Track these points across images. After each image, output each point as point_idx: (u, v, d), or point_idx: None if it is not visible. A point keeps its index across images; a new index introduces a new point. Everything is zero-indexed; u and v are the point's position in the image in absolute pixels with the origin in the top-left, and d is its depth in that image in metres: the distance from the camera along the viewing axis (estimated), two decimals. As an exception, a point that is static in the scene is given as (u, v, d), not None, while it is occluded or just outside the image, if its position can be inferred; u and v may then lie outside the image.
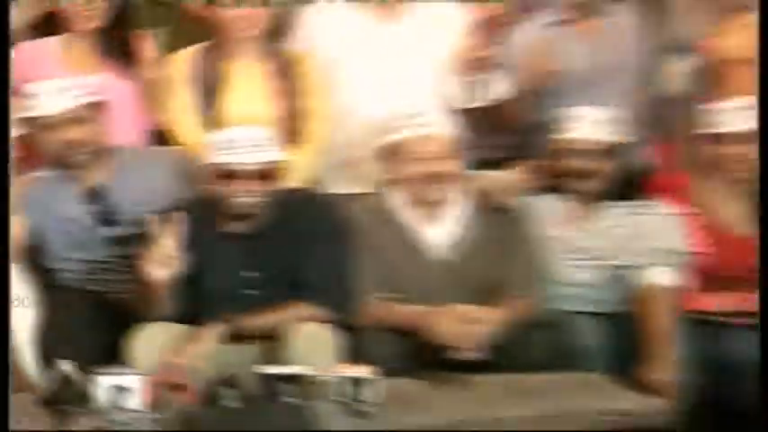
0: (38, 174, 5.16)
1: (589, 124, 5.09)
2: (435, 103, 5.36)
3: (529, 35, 5.71)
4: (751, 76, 5.39)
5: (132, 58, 5.54)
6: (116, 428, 3.98)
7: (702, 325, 4.94)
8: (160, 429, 3.99)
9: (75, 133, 4.93)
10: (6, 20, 4.53)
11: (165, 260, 4.48)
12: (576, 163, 5.06)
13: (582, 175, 5.06)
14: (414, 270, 4.92)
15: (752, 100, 5.05)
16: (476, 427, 4.19)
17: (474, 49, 5.51)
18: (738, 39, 5.64)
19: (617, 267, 5.08)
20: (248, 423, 4.06)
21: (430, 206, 4.95)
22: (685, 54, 5.85)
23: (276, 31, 5.57)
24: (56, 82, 5.01)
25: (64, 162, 5.00)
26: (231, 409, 4.08)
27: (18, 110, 5.10)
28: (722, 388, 4.81)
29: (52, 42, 5.56)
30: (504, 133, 5.74)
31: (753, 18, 5.54)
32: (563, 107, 5.25)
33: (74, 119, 4.93)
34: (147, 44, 5.62)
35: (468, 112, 5.41)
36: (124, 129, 5.32)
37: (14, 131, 5.14)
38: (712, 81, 5.70)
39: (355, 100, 5.47)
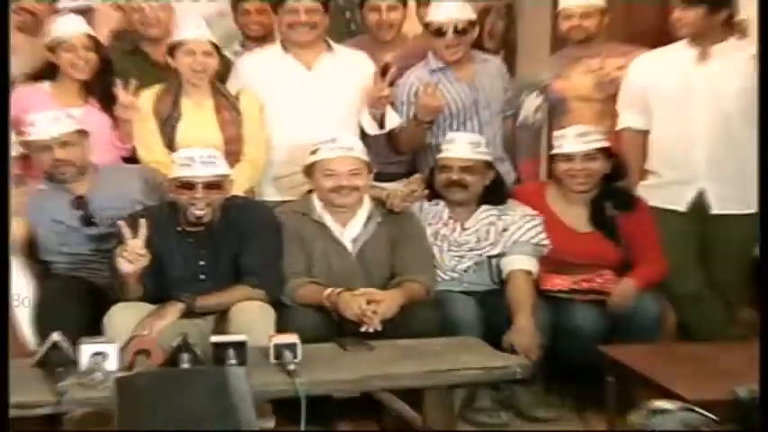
0: (36, 186, 5.23)
1: (463, 146, 5.22)
2: (347, 130, 5.40)
3: (419, 78, 5.74)
4: (588, 109, 5.71)
5: (109, 96, 5.49)
6: (96, 389, 3.89)
7: (552, 300, 5.13)
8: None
9: (63, 154, 5.05)
10: (6, 20, 4.36)
11: (132, 256, 4.56)
12: (454, 176, 5.20)
13: (459, 185, 5.20)
14: (329, 260, 5.04)
15: (586, 128, 5.28)
16: (380, 384, 4.27)
17: (376, 89, 5.55)
18: (577, 81, 5.81)
19: (488, 257, 5.23)
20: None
21: (342, 210, 5.07)
22: (540, 92, 5.93)
23: (221, 73, 5.62)
24: (49, 113, 5.11)
25: (55, 177, 5.11)
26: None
27: (18, 136, 5.21)
28: (563, 346, 4.97)
29: (47, 84, 5.54)
30: (400, 154, 5.81)
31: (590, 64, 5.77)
32: (444, 133, 5.47)
33: (63, 142, 5.04)
34: (121, 86, 5.48)
35: (371, 138, 5.51)
36: (102, 150, 5.40)
37: (15, 152, 5.25)
38: (558, 113, 5.85)
39: (284, 128, 5.58)
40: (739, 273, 5.56)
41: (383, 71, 5.72)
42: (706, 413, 2.49)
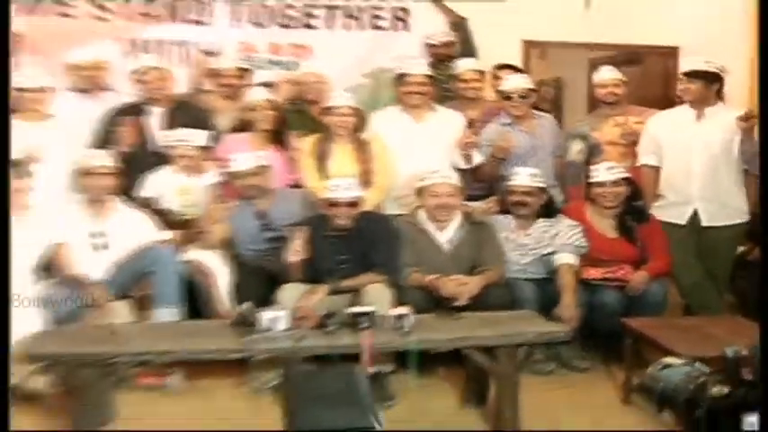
0: (233, 203, 5.32)
1: (525, 177, 5.23)
2: (446, 165, 5.42)
3: (495, 129, 5.74)
4: (615, 151, 5.69)
5: (284, 142, 5.63)
6: (271, 342, 4.01)
7: (588, 285, 5.10)
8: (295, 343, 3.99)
9: (253, 180, 5.18)
10: (6, 20, 3.99)
11: (296, 251, 4.74)
12: (518, 198, 5.23)
13: (522, 204, 5.22)
14: (431, 256, 5.04)
15: (613, 164, 5.30)
16: (467, 343, 4.22)
17: (465, 137, 5.57)
18: (608, 132, 5.79)
19: (543, 255, 5.21)
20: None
21: (441, 221, 5.08)
22: (581, 139, 5.87)
23: (358, 126, 5.58)
24: (245, 154, 5.23)
25: (247, 196, 5.22)
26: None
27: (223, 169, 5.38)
28: (595, 318, 4.99)
29: (243, 135, 5.61)
30: (482, 182, 5.75)
31: (617, 120, 5.77)
32: (512, 168, 5.40)
33: (253, 173, 5.17)
34: (291, 134, 5.67)
35: (463, 171, 5.46)
36: (278, 179, 5.46)
37: (219, 179, 5.46)
38: (594, 154, 5.77)
39: (401, 163, 5.56)
40: (724, 268, 5.58)
41: (470, 124, 5.77)
42: (701, 366, 2.48)
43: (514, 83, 5.79)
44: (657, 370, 2.18)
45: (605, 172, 5.26)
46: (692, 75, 5.37)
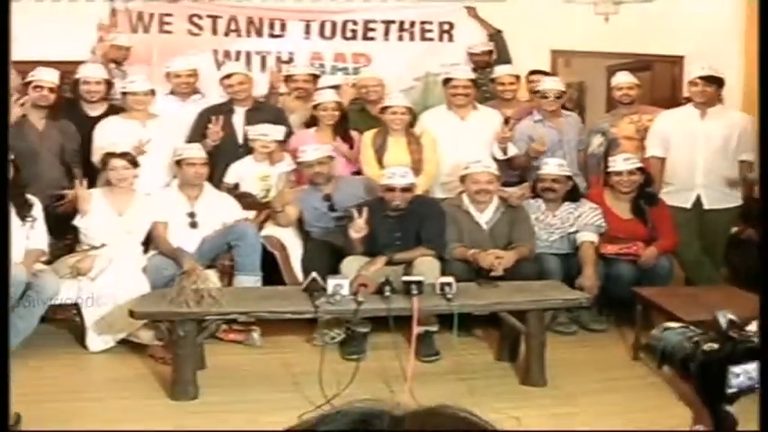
0: (302, 187, 5.33)
1: (553, 167, 5.21)
2: (486, 156, 5.35)
3: (527, 125, 5.70)
4: (630, 144, 5.64)
5: (347, 136, 5.63)
6: (336, 305, 4.07)
7: (606, 259, 5.09)
8: (356, 305, 4.04)
9: (320, 169, 5.15)
10: (7, 20, 3.78)
11: (358, 229, 4.68)
12: (547, 185, 5.21)
13: (550, 190, 5.20)
14: (472, 233, 5.01)
15: (629, 155, 5.28)
16: (501, 307, 4.24)
17: (502, 132, 5.55)
18: (624, 128, 5.76)
19: (568, 233, 5.18)
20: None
21: (481, 204, 5.04)
22: (601, 134, 5.88)
23: (410, 122, 5.57)
24: (313, 146, 5.24)
25: (314, 182, 5.20)
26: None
27: (295, 158, 5.37)
28: (611, 287, 4.99)
29: (312, 130, 5.61)
30: (516, 170, 5.75)
31: (632, 118, 5.74)
32: (542, 159, 5.39)
33: (320, 162, 5.15)
34: (353, 129, 5.69)
35: (499, 161, 5.43)
36: (342, 167, 5.51)
37: (290, 167, 5.48)
38: (612, 147, 5.75)
39: (448, 154, 5.57)
40: (721, 245, 5.54)
41: (506, 121, 5.74)
42: (696, 329, 2.48)
43: (550, 84, 5.75)
44: (659, 332, 2.19)
45: (622, 162, 5.22)
46: (707, 79, 5.32)
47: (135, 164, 4.98)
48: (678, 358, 2.16)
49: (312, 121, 5.72)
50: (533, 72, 6.39)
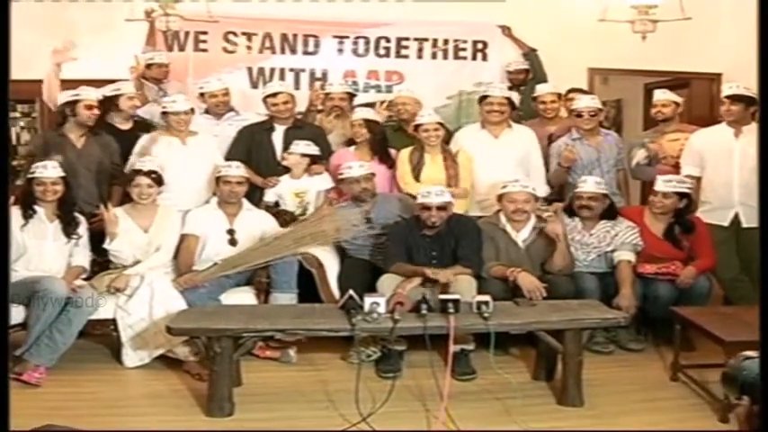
0: (341, 204, 5.33)
1: (590, 184, 5.16)
2: (522, 174, 5.38)
3: (563, 143, 5.71)
4: (671, 163, 5.65)
5: (384, 154, 5.68)
6: (373, 323, 4.04)
7: (643, 279, 5.06)
8: (393, 323, 3.98)
9: (361, 185, 5.22)
10: (7, 20, 3.71)
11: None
12: (584, 202, 5.16)
13: (586, 208, 5.16)
14: (510, 251, 5.01)
15: (671, 177, 5.24)
16: (538, 326, 4.18)
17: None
18: (667, 145, 5.79)
19: (605, 252, 5.15)
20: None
21: (518, 222, 5.03)
22: (644, 148, 5.86)
23: (445, 139, 5.65)
24: (356, 163, 5.29)
25: (358, 198, 5.24)
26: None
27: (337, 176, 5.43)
28: (649, 307, 5.00)
29: (352, 148, 5.68)
30: (551, 187, 5.77)
31: (670, 136, 5.77)
32: (579, 177, 5.41)
33: (363, 178, 5.22)
34: (391, 148, 5.72)
35: None
36: (381, 185, 5.50)
37: (331, 185, 5.54)
38: (653, 163, 5.79)
39: (483, 172, 5.58)
40: (758, 263, 5.44)
41: (549, 139, 5.88)
42: None
43: (585, 102, 5.75)
44: (739, 362, 2.14)
45: (662, 183, 5.19)
46: (734, 98, 5.33)
47: (159, 182, 5.06)
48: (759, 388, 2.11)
49: (350, 139, 5.78)
50: (571, 90, 6.44)
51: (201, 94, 5.98)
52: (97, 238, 4.97)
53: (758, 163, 4.51)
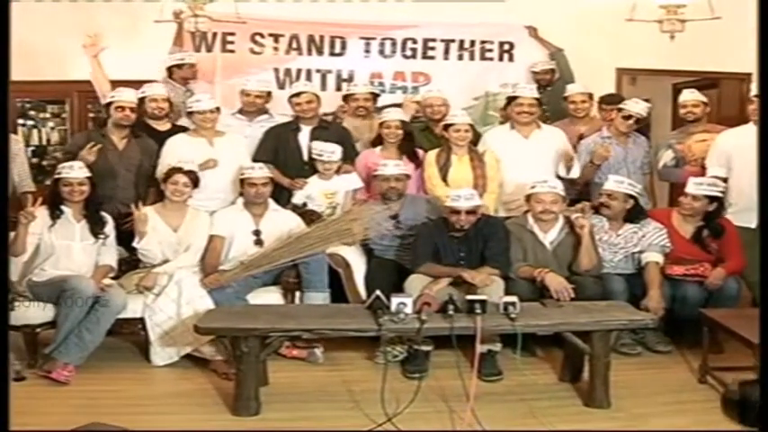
0: (369, 204, 5.32)
1: (617, 184, 5.14)
2: (550, 175, 5.41)
3: (593, 142, 5.74)
4: (699, 169, 5.57)
5: (414, 154, 5.71)
6: (399, 323, 4.01)
7: (671, 280, 5.02)
8: (420, 324, 3.98)
9: (396, 184, 5.25)
10: (7, 20, 3.65)
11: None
12: (603, 200, 5.17)
13: (605, 206, 5.15)
14: (537, 252, 5.01)
15: (702, 180, 5.19)
16: (566, 328, 4.15)
17: (569, 153, 5.64)
18: (695, 145, 5.72)
19: (632, 253, 5.13)
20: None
21: (545, 222, 5.03)
22: (672, 149, 5.85)
23: (473, 140, 5.66)
24: (392, 161, 5.36)
25: (387, 197, 5.26)
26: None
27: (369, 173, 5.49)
28: (677, 309, 4.96)
29: (378, 149, 5.71)
30: (577, 186, 5.75)
31: (696, 136, 5.71)
32: (605, 176, 5.38)
33: (397, 178, 5.25)
34: (419, 148, 5.76)
35: (564, 180, 5.43)
36: (410, 186, 5.47)
37: (361, 184, 5.59)
38: (680, 164, 5.76)
39: (511, 173, 5.61)
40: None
41: (579, 138, 5.88)
42: None
43: (639, 107, 5.79)
44: (738, 387, 2.06)
45: (693, 185, 5.16)
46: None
47: (196, 183, 5.11)
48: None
49: (377, 140, 5.80)
50: (610, 96, 6.47)
51: (242, 91, 6.04)
52: (131, 237, 5.03)
53: (758, 163, 4.49)
